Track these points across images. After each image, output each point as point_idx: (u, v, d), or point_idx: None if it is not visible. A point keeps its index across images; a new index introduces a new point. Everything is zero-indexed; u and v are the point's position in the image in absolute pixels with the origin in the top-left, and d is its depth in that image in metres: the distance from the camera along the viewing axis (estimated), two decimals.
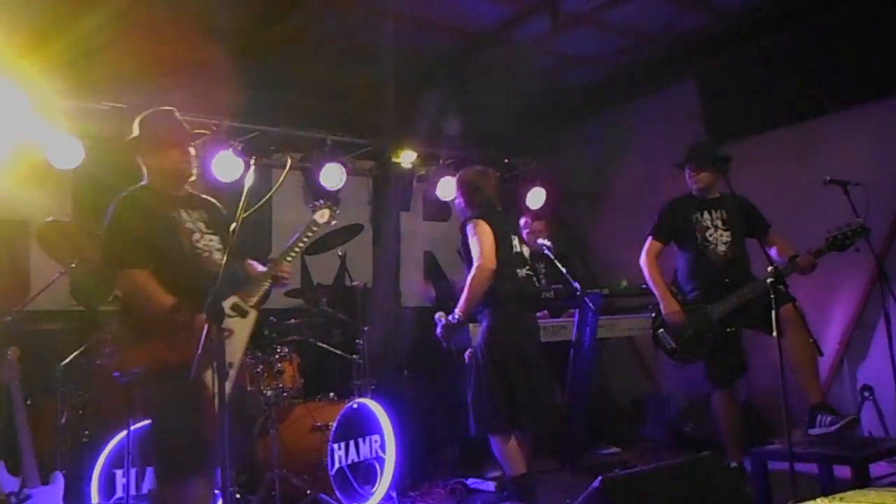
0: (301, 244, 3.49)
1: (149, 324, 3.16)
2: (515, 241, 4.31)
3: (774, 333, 3.45)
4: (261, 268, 3.52)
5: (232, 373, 3.11)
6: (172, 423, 3.05)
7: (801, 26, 5.65)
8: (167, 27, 5.43)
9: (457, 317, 4.11)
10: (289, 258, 3.42)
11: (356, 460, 4.76)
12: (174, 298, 3.08)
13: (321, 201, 3.71)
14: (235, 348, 3.17)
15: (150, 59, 5.41)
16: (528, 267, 4.31)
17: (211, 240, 3.32)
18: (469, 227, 4.19)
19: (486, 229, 4.12)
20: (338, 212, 3.70)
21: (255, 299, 3.31)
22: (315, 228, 3.58)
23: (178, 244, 3.21)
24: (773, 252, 4.35)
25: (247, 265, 3.56)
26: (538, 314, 4.95)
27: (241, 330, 3.23)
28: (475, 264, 4.08)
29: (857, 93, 5.37)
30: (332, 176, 6.20)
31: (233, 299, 3.24)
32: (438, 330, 4.20)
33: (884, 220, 5.09)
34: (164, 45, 5.60)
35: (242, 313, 3.26)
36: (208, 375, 3.00)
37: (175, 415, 3.03)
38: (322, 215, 3.64)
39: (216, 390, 2.66)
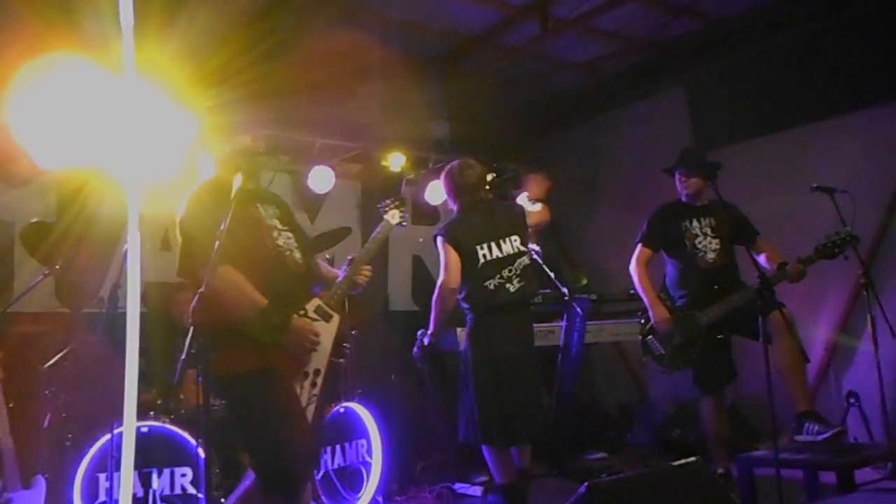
0: (373, 248, 3.41)
1: (236, 325, 2.99)
2: (487, 248, 4.12)
3: (761, 339, 3.46)
4: (327, 268, 3.41)
5: (319, 380, 3.01)
6: (266, 433, 2.91)
7: (788, 35, 5.69)
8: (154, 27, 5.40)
9: (428, 339, 4.16)
10: (361, 262, 3.31)
11: (342, 465, 4.73)
12: (265, 300, 2.92)
13: (389, 200, 3.61)
14: (321, 354, 3.04)
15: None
16: (510, 268, 4.11)
17: (289, 237, 3.18)
18: (438, 243, 4.18)
19: (450, 249, 4.09)
20: (405, 213, 3.63)
21: (337, 301, 3.17)
22: (387, 230, 3.52)
23: (261, 241, 3.07)
24: (761, 259, 4.37)
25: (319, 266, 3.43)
26: None
27: (325, 334, 3.07)
28: (438, 282, 4.12)
29: (844, 101, 5.41)
30: (321, 179, 6.17)
31: (316, 302, 3.11)
32: (415, 350, 4.20)
33: (870, 228, 5.12)
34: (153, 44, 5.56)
35: (326, 317, 3.11)
36: (297, 381, 2.96)
37: (268, 424, 2.91)
38: (393, 216, 3.56)
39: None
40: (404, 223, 3.61)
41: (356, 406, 4.91)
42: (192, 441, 4.06)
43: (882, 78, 5.18)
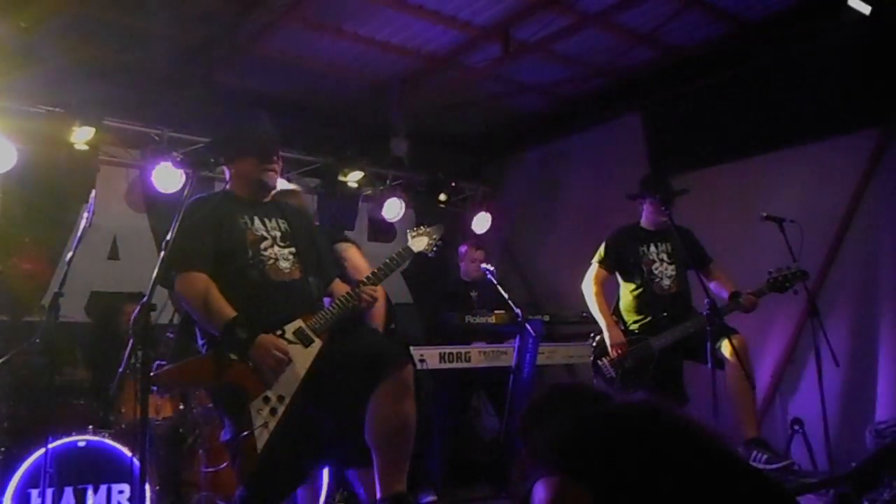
0: (385, 270, 3.13)
1: (202, 335, 2.95)
2: None
3: (709, 365, 3.49)
4: (343, 287, 3.19)
5: (280, 408, 2.80)
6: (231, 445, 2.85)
7: (745, 66, 5.81)
8: (109, 33, 5.32)
9: None
10: (367, 283, 3.06)
11: None
12: (235, 312, 2.81)
13: (423, 226, 3.34)
14: (289, 380, 2.83)
15: (90, 63, 5.28)
16: None
17: (282, 250, 3.03)
18: None
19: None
20: (439, 241, 3.31)
21: (322, 326, 2.95)
22: (407, 255, 3.22)
23: (241, 250, 2.96)
24: (712, 286, 4.42)
25: (333, 286, 3.24)
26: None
27: (300, 359, 2.86)
28: None
29: (796, 133, 5.53)
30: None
31: (298, 323, 2.92)
32: None
33: (817, 258, 5.22)
34: (104, 49, 5.47)
35: (306, 341, 2.91)
36: (255, 405, 2.79)
37: (232, 438, 2.84)
38: (419, 242, 3.26)
39: None
40: (432, 253, 3.30)
41: None
42: (131, 456, 3.94)
43: (831, 112, 5.31)
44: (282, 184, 3.46)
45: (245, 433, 2.75)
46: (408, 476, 3.05)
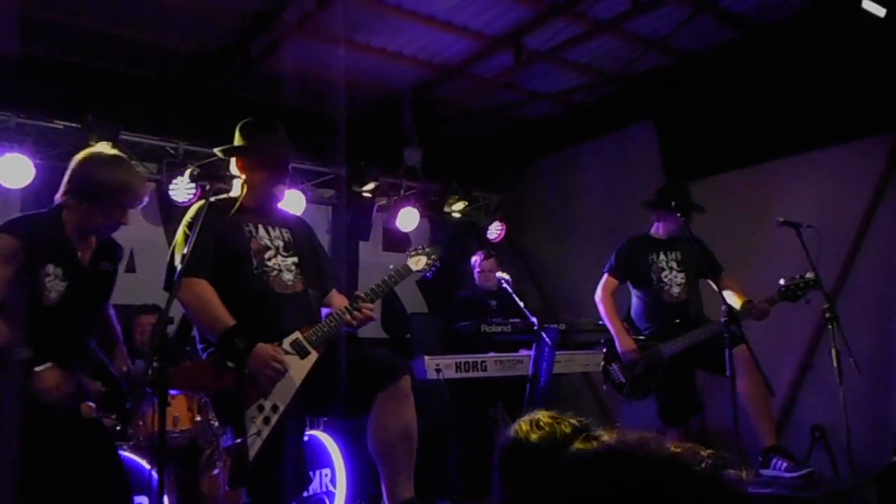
0: (383, 287, 3.19)
1: (201, 339, 2.99)
2: None
3: (728, 374, 3.46)
4: (340, 299, 3.23)
5: (274, 417, 2.84)
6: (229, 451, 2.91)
7: (758, 71, 5.78)
8: (126, 48, 5.37)
9: None
10: (365, 300, 3.09)
11: (306, 494, 4.62)
12: (234, 321, 2.86)
13: (421, 246, 3.41)
14: (284, 390, 2.87)
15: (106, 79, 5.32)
16: None
17: (285, 261, 3.07)
18: None
19: None
20: (437, 262, 3.36)
21: (318, 339, 2.99)
22: (405, 274, 3.27)
23: (245, 259, 3.00)
24: (725, 294, 4.39)
25: (331, 297, 3.27)
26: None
27: (295, 371, 2.90)
28: None
29: (811, 138, 5.49)
30: (293, 203, 6.11)
31: (295, 335, 2.97)
32: None
33: (834, 262, 5.17)
34: (122, 65, 5.53)
35: (302, 353, 2.95)
36: (249, 413, 2.83)
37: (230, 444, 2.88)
38: (417, 262, 3.33)
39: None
40: (430, 272, 3.37)
41: (321, 434, 4.83)
42: (149, 468, 3.94)
43: (847, 116, 5.27)
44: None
45: (238, 440, 2.79)
46: (424, 486, 3.06)
